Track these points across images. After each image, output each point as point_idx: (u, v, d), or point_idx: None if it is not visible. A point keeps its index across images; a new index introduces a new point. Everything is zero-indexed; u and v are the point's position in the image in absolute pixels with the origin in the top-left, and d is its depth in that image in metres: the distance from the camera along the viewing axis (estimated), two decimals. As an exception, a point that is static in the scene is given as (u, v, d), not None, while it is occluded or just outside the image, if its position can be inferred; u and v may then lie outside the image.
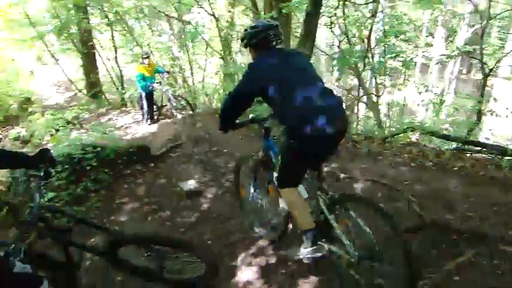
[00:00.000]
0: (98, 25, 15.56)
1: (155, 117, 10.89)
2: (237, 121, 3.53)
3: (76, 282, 3.02)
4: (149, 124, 10.55)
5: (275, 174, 3.41)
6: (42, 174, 2.74)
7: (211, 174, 6.15)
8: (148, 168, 6.69)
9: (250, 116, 3.72)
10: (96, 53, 15.75)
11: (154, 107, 11.03)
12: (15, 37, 15.07)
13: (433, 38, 19.06)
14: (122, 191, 5.98)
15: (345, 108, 3.24)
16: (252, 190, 4.08)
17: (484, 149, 5.93)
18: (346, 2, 8.52)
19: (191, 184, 5.71)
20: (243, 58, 15.79)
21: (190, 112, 11.10)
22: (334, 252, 3.04)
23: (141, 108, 11.01)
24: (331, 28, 8.78)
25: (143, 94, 10.50)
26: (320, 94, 2.96)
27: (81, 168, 6.00)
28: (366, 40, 8.07)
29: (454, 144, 6.27)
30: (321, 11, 8.47)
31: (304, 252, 3.15)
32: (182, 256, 3.18)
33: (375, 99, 8.43)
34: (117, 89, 16.14)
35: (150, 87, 10.36)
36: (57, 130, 10.58)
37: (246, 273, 3.62)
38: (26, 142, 11.53)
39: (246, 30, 3.37)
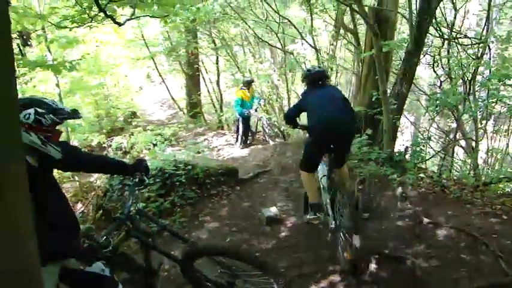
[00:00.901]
0: (205, 49, 16.34)
1: (248, 142, 11.11)
2: (300, 123, 5.23)
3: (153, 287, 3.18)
4: (241, 148, 10.76)
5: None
6: (137, 180, 3.03)
7: (293, 203, 6.18)
8: (234, 191, 6.87)
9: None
10: (200, 75, 16.52)
11: (249, 132, 11.27)
12: (130, 55, 16.27)
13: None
14: (206, 209, 6.19)
15: (352, 122, 4.82)
16: None
17: None
18: (451, 42, 8.29)
19: (273, 211, 5.75)
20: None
21: (282, 140, 11.23)
22: (324, 220, 4.66)
23: (236, 131, 11.29)
24: (433, 68, 8.57)
25: (240, 118, 10.73)
26: (335, 113, 4.41)
27: (171, 183, 6.33)
28: (468, 82, 7.76)
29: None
30: (425, 49, 8.31)
31: (308, 217, 4.80)
32: (254, 276, 3.22)
33: (473, 144, 8.05)
34: (216, 111, 16.78)
35: (247, 113, 10.61)
36: (155, 145, 11.20)
37: (313, 306, 3.60)
38: (126, 153, 12.30)
39: (304, 71, 5.18)
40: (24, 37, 7.49)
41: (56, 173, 5.24)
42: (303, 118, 5.20)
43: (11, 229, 1.16)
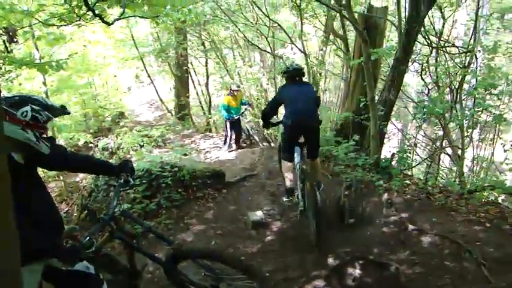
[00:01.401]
0: (194, 51, 16.31)
1: (237, 145, 10.99)
2: (273, 121, 6.01)
3: None
4: (229, 151, 10.73)
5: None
6: (122, 181, 3.00)
7: (279, 207, 6.18)
8: (220, 194, 6.85)
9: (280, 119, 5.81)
10: (189, 77, 16.48)
11: (244, 135, 11.28)
12: (119, 56, 16.18)
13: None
14: (192, 212, 6.16)
15: (318, 115, 5.64)
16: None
17: None
18: (439, 51, 8.36)
19: (259, 215, 5.74)
20: (329, 96, 15.86)
21: (268, 144, 11.23)
22: (295, 203, 5.49)
23: (225, 134, 11.21)
24: (421, 75, 8.64)
25: (228, 122, 10.66)
26: (304, 107, 5.27)
27: (157, 185, 6.30)
28: (455, 90, 7.84)
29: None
30: (413, 57, 8.36)
31: (284, 200, 5.82)
32: (238, 280, 3.21)
33: (459, 152, 8.10)
34: (204, 113, 16.75)
35: (235, 117, 10.54)
36: (142, 146, 11.14)
37: (297, 311, 3.59)
38: (113, 153, 12.22)
39: (284, 68, 6.21)
40: (10, 33, 7.42)
41: (40, 172, 5.19)
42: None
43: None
